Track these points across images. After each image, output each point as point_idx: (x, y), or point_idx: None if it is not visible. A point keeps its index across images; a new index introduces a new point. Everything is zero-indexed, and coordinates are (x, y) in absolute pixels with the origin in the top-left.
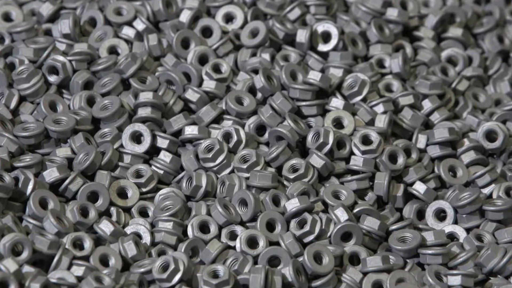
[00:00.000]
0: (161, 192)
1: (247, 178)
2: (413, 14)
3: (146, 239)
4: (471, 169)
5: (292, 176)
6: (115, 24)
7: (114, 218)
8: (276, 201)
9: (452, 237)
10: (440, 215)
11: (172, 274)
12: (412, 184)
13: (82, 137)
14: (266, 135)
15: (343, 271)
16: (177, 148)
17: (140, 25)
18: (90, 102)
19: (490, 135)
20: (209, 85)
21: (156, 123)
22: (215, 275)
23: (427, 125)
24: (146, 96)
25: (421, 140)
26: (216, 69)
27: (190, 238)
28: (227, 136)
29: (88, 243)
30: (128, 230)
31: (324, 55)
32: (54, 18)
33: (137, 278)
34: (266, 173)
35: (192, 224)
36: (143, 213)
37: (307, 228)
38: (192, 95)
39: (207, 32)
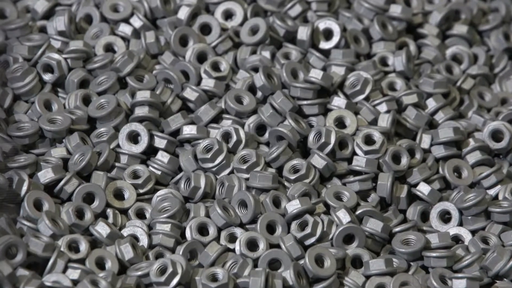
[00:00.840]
0: (158, 193)
1: (247, 179)
2: (417, 10)
3: (144, 241)
4: (477, 169)
5: (293, 177)
6: (112, 21)
7: (110, 220)
8: (276, 203)
9: (457, 239)
10: (445, 217)
11: (170, 277)
12: (416, 185)
13: (77, 137)
14: (266, 135)
15: (345, 274)
16: (175, 148)
17: (137, 22)
18: (86, 101)
19: (496, 135)
20: (208, 83)
21: (154, 123)
22: (214, 278)
23: (432, 125)
24: (143, 95)
25: (425, 140)
26: (215, 67)
27: (188, 241)
28: (226, 136)
29: (83, 246)
30: (125, 232)
31: (326, 53)
32: (49, 15)
33: (134, 282)
34: (266, 173)
35: (191, 226)
36: (140, 214)
37: (308, 230)
38: (190, 93)
39: (206, 29)
